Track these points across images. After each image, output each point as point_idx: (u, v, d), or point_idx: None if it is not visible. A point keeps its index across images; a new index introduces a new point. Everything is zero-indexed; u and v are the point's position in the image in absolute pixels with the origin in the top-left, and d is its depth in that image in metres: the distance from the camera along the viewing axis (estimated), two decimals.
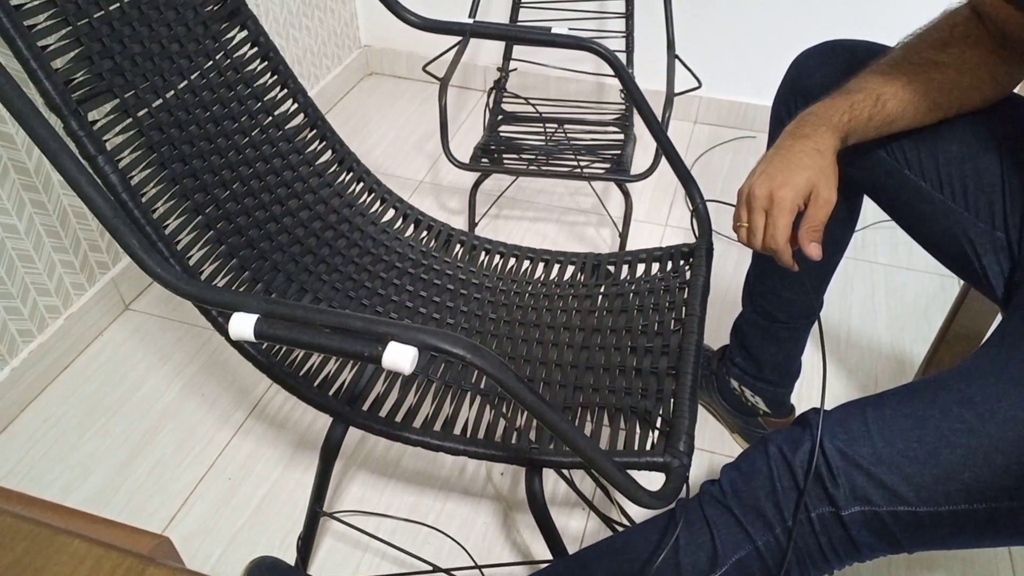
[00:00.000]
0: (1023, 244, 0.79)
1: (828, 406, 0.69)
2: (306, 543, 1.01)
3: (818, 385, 1.33)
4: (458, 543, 1.11)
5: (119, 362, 1.36)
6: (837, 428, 0.66)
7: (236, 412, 1.28)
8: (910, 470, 0.63)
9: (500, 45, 1.74)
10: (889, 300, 1.51)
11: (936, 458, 0.63)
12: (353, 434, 1.25)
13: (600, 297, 1.01)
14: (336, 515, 1.13)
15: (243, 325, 0.58)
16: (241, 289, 0.81)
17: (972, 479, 0.62)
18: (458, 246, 1.08)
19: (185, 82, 0.82)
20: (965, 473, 0.62)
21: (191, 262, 0.77)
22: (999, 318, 0.94)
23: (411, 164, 1.86)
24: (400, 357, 0.56)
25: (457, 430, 0.84)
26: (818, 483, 0.65)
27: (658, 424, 0.82)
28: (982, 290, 0.85)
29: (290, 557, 1.06)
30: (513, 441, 0.83)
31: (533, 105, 1.68)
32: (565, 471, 1.17)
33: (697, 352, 0.88)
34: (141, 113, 0.76)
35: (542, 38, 1.00)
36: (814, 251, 0.78)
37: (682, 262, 1.03)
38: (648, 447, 0.80)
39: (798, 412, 1.22)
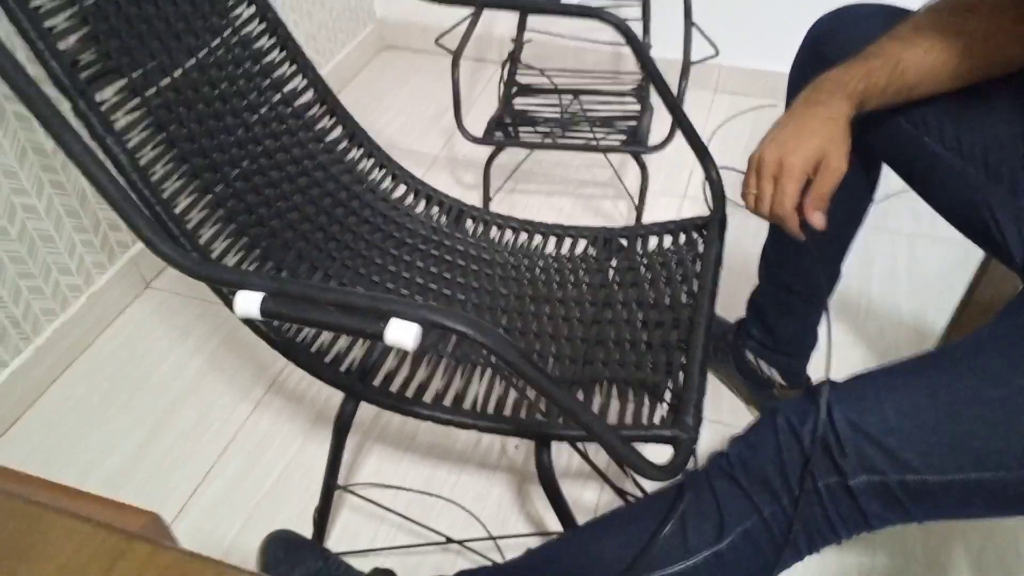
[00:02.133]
0: None
1: (844, 378, 0.68)
2: (322, 516, 1.02)
3: (835, 356, 1.31)
4: (472, 515, 1.12)
5: (140, 339, 1.38)
6: (846, 398, 0.66)
7: (255, 388, 1.30)
8: (919, 438, 0.62)
9: (515, 17, 1.71)
10: (911, 270, 1.49)
11: (946, 426, 0.62)
12: (369, 409, 1.26)
13: (612, 271, 1.00)
14: (351, 488, 1.15)
15: (249, 303, 0.59)
16: (252, 267, 0.81)
17: (982, 447, 0.61)
18: (469, 221, 1.08)
19: (193, 60, 0.82)
20: (975, 441, 0.61)
21: (202, 241, 0.77)
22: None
23: (426, 139, 1.86)
24: (403, 334, 0.56)
25: (467, 405, 0.85)
26: (826, 453, 0.65)
27: (667, 397, 0.82)
28: (1001, 258, 0.83)
29: (308, 530, 1.08)
30: (522, 415, 0.83)
31: (548, 77, 1.66)
32: (579, 445, 1.18)
33: (708, 325, 0.87)
34: (149, 92, 0.77)
35: (552, 8, 0.99)
36: (818, 220, 0.77)
37: (695, 235, 1.02)
38: (657, 420, 0.80)
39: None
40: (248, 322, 0.81)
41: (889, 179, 1.00)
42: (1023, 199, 0.78)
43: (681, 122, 1.02)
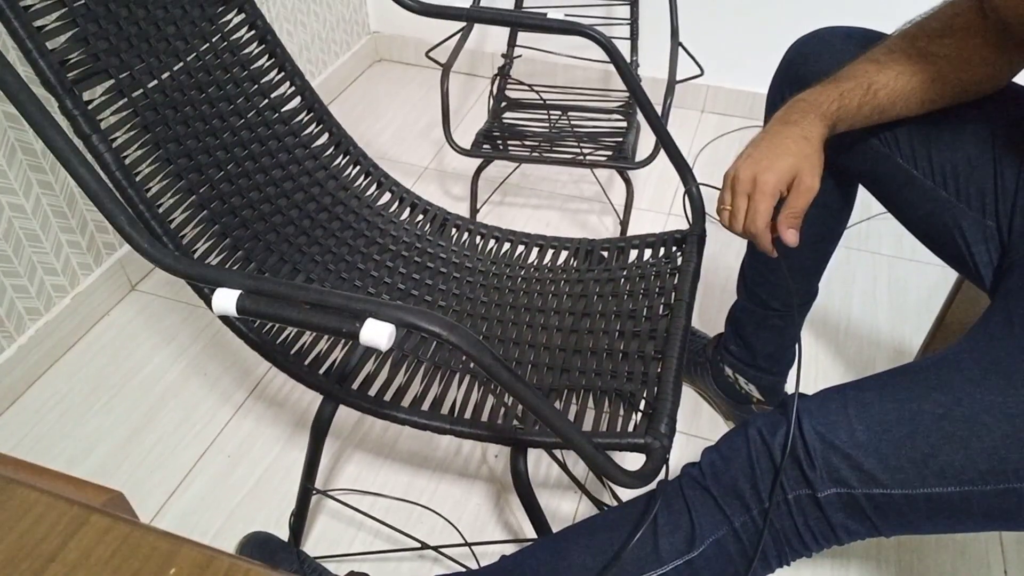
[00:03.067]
0: (1012, 233, 0.79)
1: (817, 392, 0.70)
2: (298, 520, 1.03)
3: (813, 373, 1.33)
4: (450, 522, 1.13)
5: (124, 341, 1.39)
6: (816, 411, 0.67)
7: (237, 392, 1.31)
8: (886, 452, 0.63)
9: (506, 33, 1.74)
10: (891, 291, 1.51)
11: (912, 441, 0.63)
12: (351, 415, 1.27)
13: (592, 282, 1.02)
14: (329, 493, 1.15)
15: (226, 300, 0.60)
16: (234, 267, 0.82)
17: (947, 462, 0.62)
18: (453, 230, 1.09)
19: (181, 63, 0.83)
20: (940, 456, 0.62)
21: (184, 240, 0.78)
22: None
23: (417, 150, 1.87)
24: (377, 334, 0.57)
25: (445, 410, 0.85)
26: (796, 465, 0.66)
27: (641, 407, 0.83)
28: (971, 278, 0.85)
29: (286, 534, 1.08)
30: (499, 421, 0.84)
31: (537, 92, 1.68)
32: (558, 454, 1.18)
33: (684, 337, 0.88)
34: (136, 94, 0.78)
35: (537, 23, 1.01)
36: (791, 237, 0.78)
37: (674, 248, 1.03)
38: (631, 429, 0.81)
39: None
40: (229, 323, 0.81)
41: (871, 200, 1.02)
42: (991, 220, 0.80)
43: (663, 138, 1.04)
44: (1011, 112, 0.81)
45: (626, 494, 1.15)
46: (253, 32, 0.95)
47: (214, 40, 0.88)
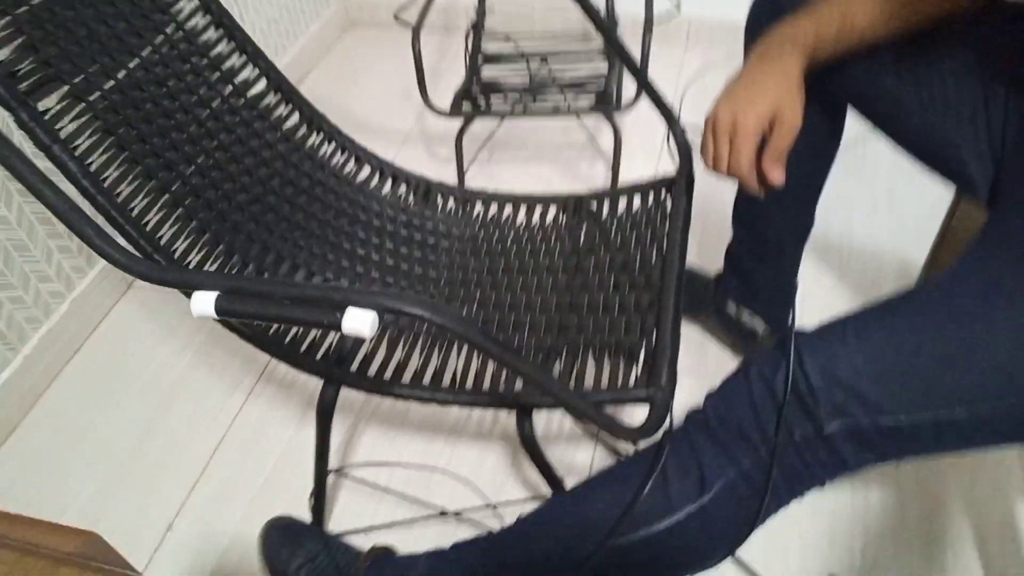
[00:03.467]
0: (1005, 146, 0.77)
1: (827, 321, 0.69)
2: (318, 500, 1.04)
3: (818, 302, 1.32)
4: (469, 484, 1.14)
5: (128, 339, 1.39)
6: (816, 345, 0.66)
7: (245, 378, 1.31)
8: (890, 381, 0.63)
9: None
10: (891, 210, 1.48)
11: (915, 367, 0.63)
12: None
13: (583, 237, 1.00)
14: (345, 470, 1.16)
15: (204, 303, 0.59)
16: (217, 262, 0.81)
17: (952, 385, 0.62)
18: (439, 198, 1.08)
19: (136, 60, 0.81)
20: (945, 379, 0.62)
21: (163, 241, 0.77)
22: None
23: (399, 115, 1.84)
24: (359, 322, 0.57)
25: (446, 382, 0.85)
26: (799, 402, 0.65)
27: (641, 358, 0.82)
28: (968, 192, 0.83)
29: (308, 515, 1.10)
30: (501, 388, 0.84)
31: (515, 42, 1.64)
32: None
33: (678, 283, 0.87)
34: (93, 97, 0.76)
35: None
36: (776, 176, 0.76)
37: (664, 194, 1.01)
38: (632, 382, 0.80)
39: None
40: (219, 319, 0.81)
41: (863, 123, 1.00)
42: (984, 134, 0.78)
43: (643, 84, 1.01)
44: (994, 29, 0.78)
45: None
46: (209, 18, 0.92)
47: (168, 31, 0.85)
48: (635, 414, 1.18)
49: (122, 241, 0.64)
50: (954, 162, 0.81)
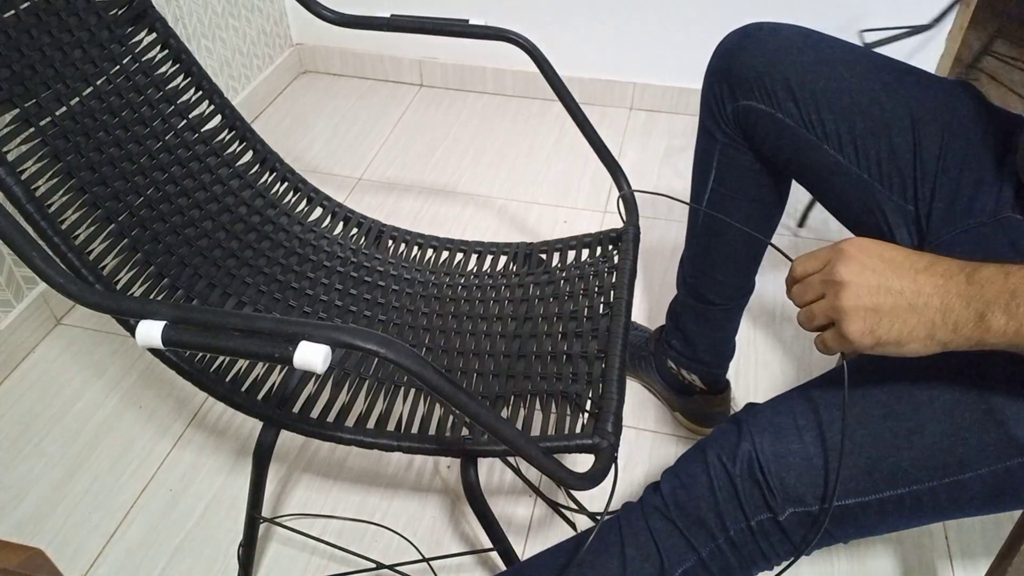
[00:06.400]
0: (932, 217, 0.82)
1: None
2: (247, 550, 1.00)
3: (753, 363, 1.35)
4: (405, 538, 1.11)
5: (53, 378, 1.33)
6: (768, 429, 0.69)
7: (175, 423, 1.26)
8: (843, 465, 0.65)
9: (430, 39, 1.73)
10: None
11: (861, 449, 0.65)
12: (295, 437, 1.24)
13: (531, 286, 1.01)
14: (277, 520, 1.12)
15: (150, 332, 0.57)
16: (160, 296, 0.79)
17: (895, 464, 0.64)
18: (390, 241, 1.08)
19: (90, 88, 0.80)
20: (888, 459, 0.64)
21: (105, 271, 0.75)
22: None
23: (349, 161, 1.85)
24: (311, 356, 0.56)
25: (391, 426, 0.84)
26: (757, 490, 0.67)
27: (588, 407, 0.83)
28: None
29: (235, 566, 1.05)
30: (447, 433, 0.83)
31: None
32: (511, 460, 1.18)
33: (625, 334, 0.89)
34: (44, 122, 0.74)
35: (460, 29, 1.00)
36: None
37: (611, 247, 1.04)
38: (579, 430, 0.81)
39: (733, 389, 1.24)
40: (159, 354, 0.78)
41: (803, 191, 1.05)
42: (911, 204, 0.83)
43: (591, 138, 1.04)
44: (931, 98, 0.83)
45: (582, 495, 1.16)
46: (167, 52, 0.91)
47: (125, 62, 0.85)
48: (578, 463, 1.18)
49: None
50: (883, 230, 0.86)
